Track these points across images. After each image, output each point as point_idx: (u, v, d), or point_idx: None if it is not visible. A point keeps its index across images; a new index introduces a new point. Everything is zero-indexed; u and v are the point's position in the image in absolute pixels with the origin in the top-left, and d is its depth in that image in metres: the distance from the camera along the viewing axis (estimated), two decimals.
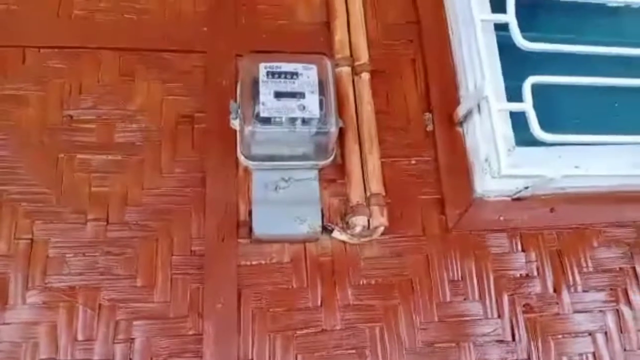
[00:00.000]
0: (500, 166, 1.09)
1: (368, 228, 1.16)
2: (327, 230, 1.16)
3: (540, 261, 1.24)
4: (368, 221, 1.15)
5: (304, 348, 1.10)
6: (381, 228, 1.17)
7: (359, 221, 1.15)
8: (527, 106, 1.12)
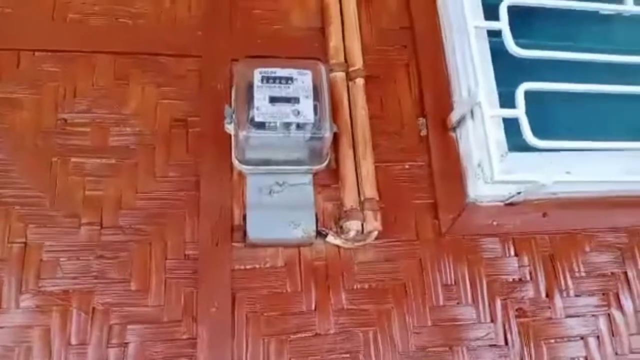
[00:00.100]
0: (493, 172, 1.10)
1: (362, 232, 1.16)
2: (321, 234, 1.16)
3: (532, 266, 1.25)
4: (362, 226, 1.16)
5: (298, 352, 1.10)
6: (375, 232, 1.17)
7: (353, 226, 1.15)
8: (520, 112, 1.13)
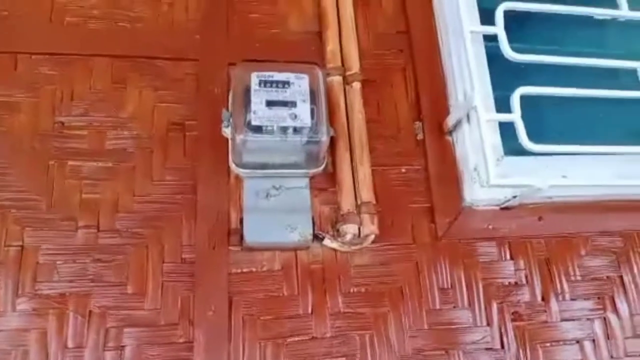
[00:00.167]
0: (488, 175, 1.10)
1: (359, 236, 1.17)
2: (318, 238, 1.16)
3: (528, 269, 1.25)
4: (359, 229, 1.16)
5: (295, 355, 1.10)
6: (372, 236, 1.17)
7: (350, 229, 1.15)
8: (516, 117, 1.13)
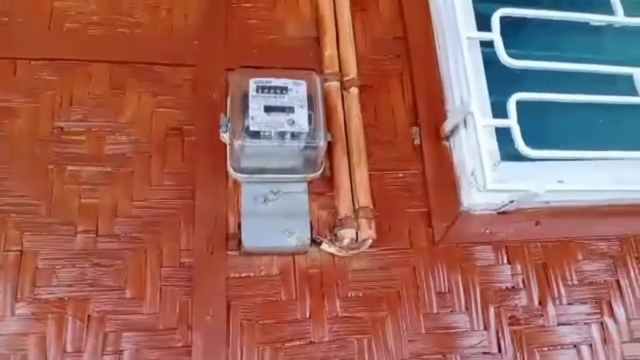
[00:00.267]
0: (485, 180, 1.11)
1: (356, 240, 1.17)
2: (316, 242, 1.16)
3: (525, 274, 1.25)
4: (356, 234, 1.17)
5: None
6: (369, 241, 1.18)
7: (347, 234, 1.16)
8: (512, 122, 1.14)
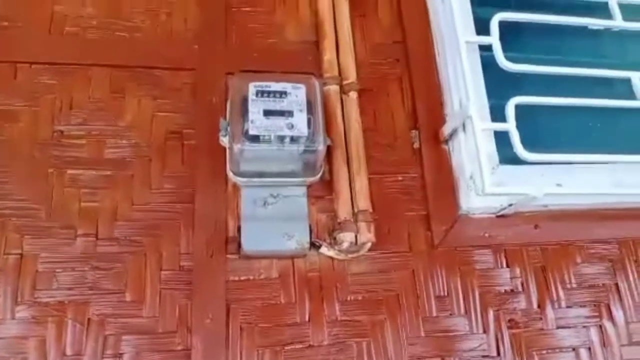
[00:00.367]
0: (484, 184, 1.11)
1: (355, 244, 1.17)
2: (315, 246, 1.17)
3: (524, 277, 1.25)
4: (355, 237, 1.17)
5: None
6: (368, 244, 1.18)
7: (347, 237, 1.16)
8: (511, 126, 1.14)
